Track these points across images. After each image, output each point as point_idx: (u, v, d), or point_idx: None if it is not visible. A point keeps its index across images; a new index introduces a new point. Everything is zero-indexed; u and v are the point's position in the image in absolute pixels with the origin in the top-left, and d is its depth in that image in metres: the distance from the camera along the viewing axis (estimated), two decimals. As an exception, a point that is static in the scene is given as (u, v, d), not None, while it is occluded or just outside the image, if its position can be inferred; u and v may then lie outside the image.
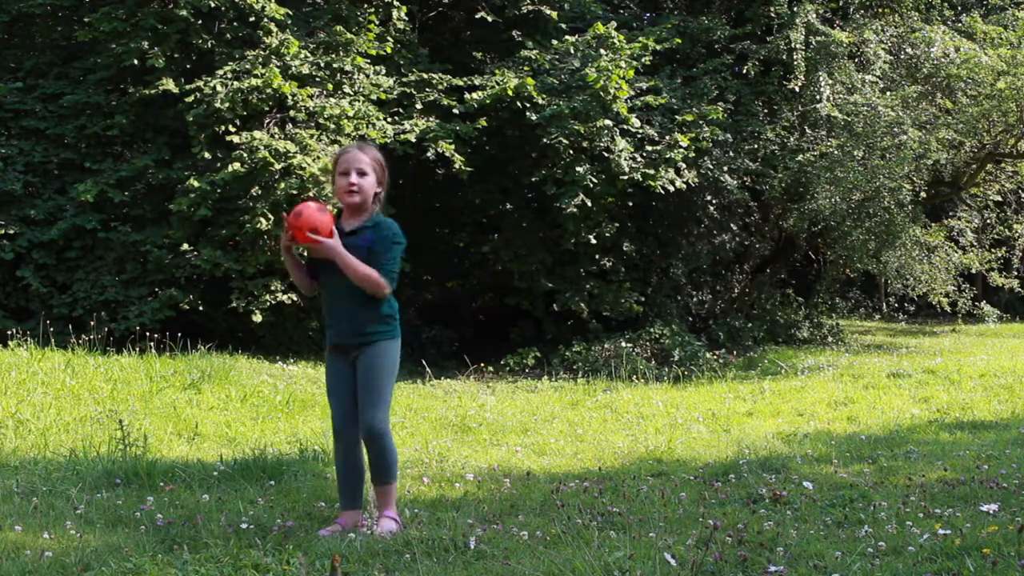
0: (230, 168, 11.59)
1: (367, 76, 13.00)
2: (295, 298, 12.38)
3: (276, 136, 12.04)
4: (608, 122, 13.00)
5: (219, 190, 11.82)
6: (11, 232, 11.85)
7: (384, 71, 13.31)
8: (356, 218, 4.46)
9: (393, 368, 4.50)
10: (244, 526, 4.44)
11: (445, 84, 13.49)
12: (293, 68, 12.23)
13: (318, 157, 11.91)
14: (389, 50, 13.41)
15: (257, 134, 11.81)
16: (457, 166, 12.91)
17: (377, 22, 13.37)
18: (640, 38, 13.80)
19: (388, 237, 4.40)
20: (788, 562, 3.72)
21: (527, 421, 8.82)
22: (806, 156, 14.73)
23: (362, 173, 4.39)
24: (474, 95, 13.13)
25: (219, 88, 11.81)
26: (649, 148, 13.33)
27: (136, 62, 12.29)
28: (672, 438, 7.67)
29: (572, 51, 13.82)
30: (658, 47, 13.95)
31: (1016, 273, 20.53)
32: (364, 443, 4.45)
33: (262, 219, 11.75)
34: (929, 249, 17.10)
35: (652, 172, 13.04)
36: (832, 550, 3.87)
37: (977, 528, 4.08)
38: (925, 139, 14.02)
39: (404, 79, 13.48)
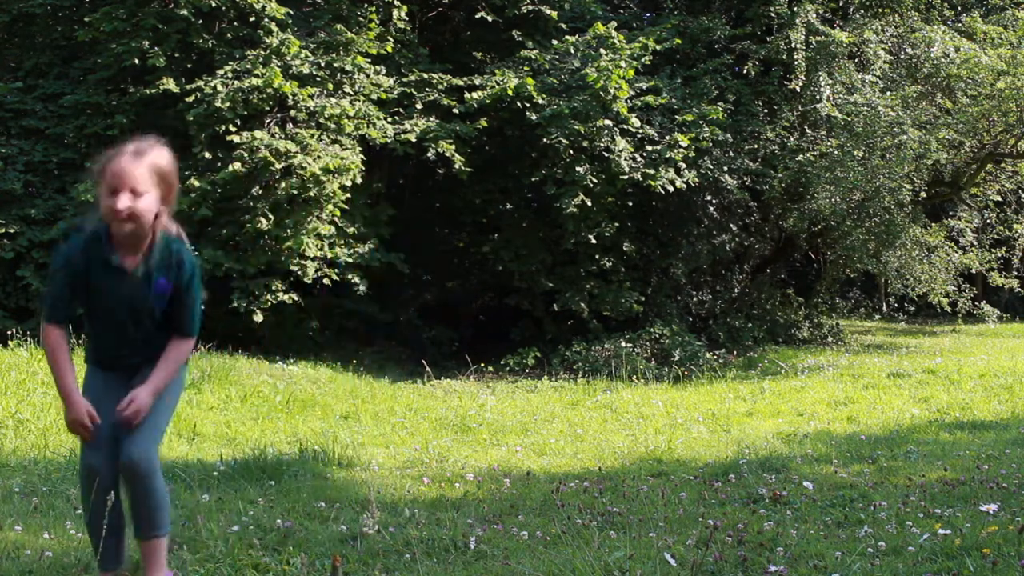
0: (230, 168, 11.59)
1: (367, 76, 13.00)
2: (295, 298, 12.38)
3: (277, 136, 12.04)
4: (608, 122, 13.00)
5: (219, 190, 11.82)
6: (11, 231, 11.85)
7: (384, 71, 13.31)
8: (134, 250, 3.30)
9: (176, 397, 3.57)
10: (244, 526, 4.44)
11: (445, 84, 13.49)
12: (294, 68, 12.23)
13: (318, 157, 11.91)
14: (389, 50, 13.41)
15: (258, 134, 11.80)
16: (457, 166, 12.91)
17: (377, 22, 13.38)
18: (640, 38, 13.81)
19: (189, 274, 3.37)
20: (788, 562, 3.72)
21: (527, 421, 8.82)
22: (806, 156, 14.73)
23: (138, 193, 3.19)
24: (474, 95, 13.14)
25: (219, 88, 11.81)
26: (649, 148, 13.33)
27: (136, 62, 12.30)
28: (672, 438, 7.66)
29: (572, 51, 13.83)
30: (658, 47, 13.95)
31: (1016, 273, 20.52)
32: (126, 479, 3.33)
33: (262, 219, 11.75)
34: (929, 249, 17.10)
35: (652, 172, 13.04)
36: (832, 550, 3.87)
37: (977, 528, 4.07)
38: (925, 139, 14.01)
39: (404, 79, 13.49)
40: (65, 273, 3.34)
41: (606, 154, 13.08)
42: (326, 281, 12.61)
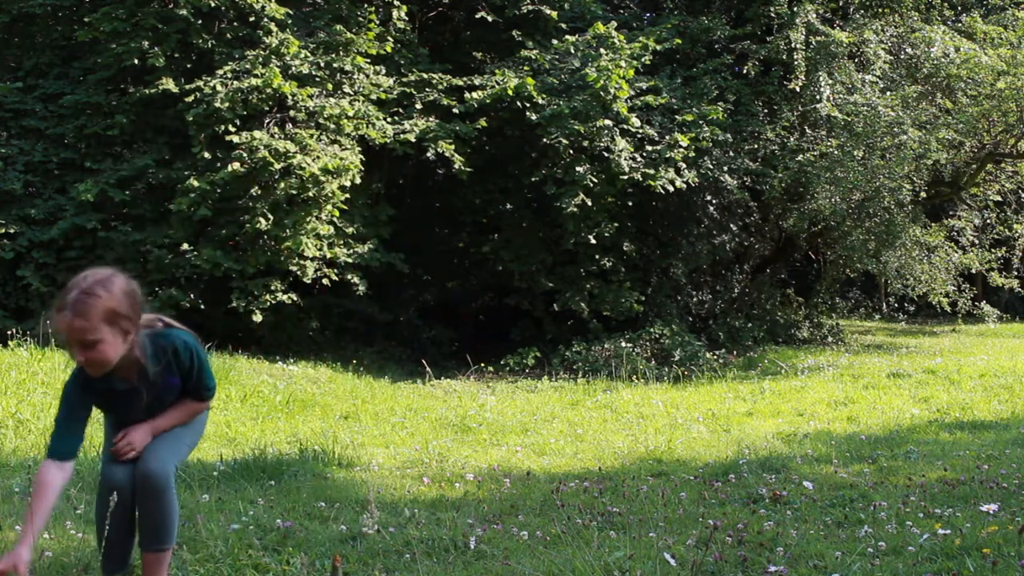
0: (230, 168, 11.59)
1: (367, 76, 13.00)
2: (295, 298, 12.39)
3: (276, 136, 12.04)
4: (608, 122, 13.00)
5: (219, 190, 11.82)
6: (11, 231, 11.85)
7: (384, 71, 13.31)
8: (131, 369, 3.33)
9: (201, 430, 3.68)
10: (244, 526, 4.43)
11: (445, 84, 13.49)
12: (293, 68, 12.23)
13: (318, 157, 11.91)
14: (389, 50, 13.41)
15: (257, 134, 11.80)
16: (457, 166, 12.91)
17: (377, 22, 13.38)
18: (640, 38, 13.81)
19: (192, 360, 3.42)
20: (788, 562, 3.72)
21: (527, 421, 8.82)
22: (806, 156, 14.73)
23: (90, 345, 3.12)
24: (474, 95, 13.13)
25: (219, 88, 11.81)
26: (649, 148, 13.33)
27: (136, 62, 12.30)
28: (672, 438, 7.66)
29: (572, 51, 13.83)
30: (658, 47, 13.95)
31: (1016, 273, 20.52)
32: (139, 489, 3.37)
33: (262, 219, 11.76)
34: (929, 249, 17.10)
35: (652, 172, 13.04)
36: (832, 550, 3.87)
37: (977, 528, 4.07)
38: (925, 139, 14.01)
39: (404, 79, 13.49)
40: (67, 405, 3.36)
41: (606, 154, 13.08)
42: (326, 281, 12.62)
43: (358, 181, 12.47)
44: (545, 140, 13.10)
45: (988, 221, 19.37)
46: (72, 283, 3.16)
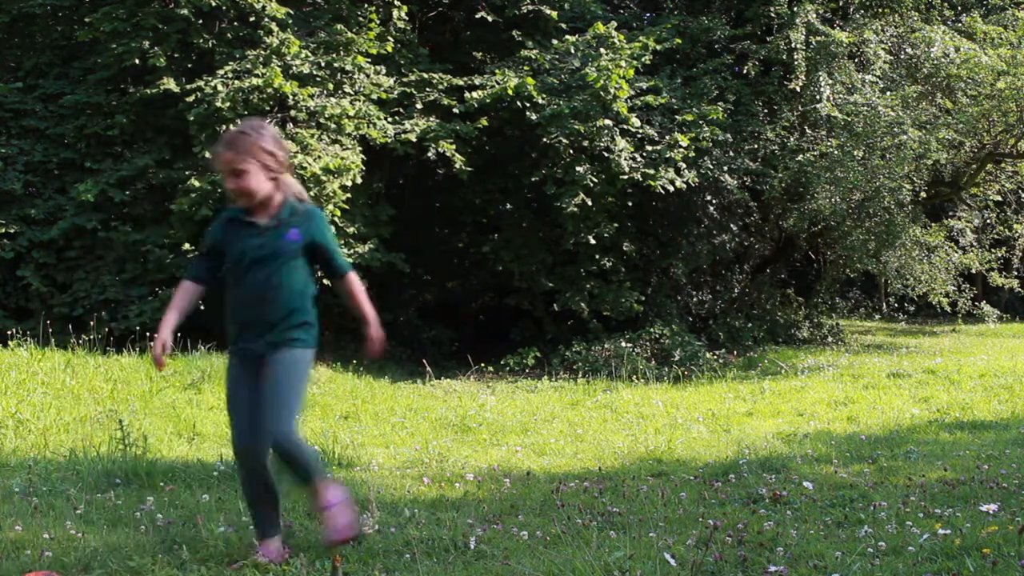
0: (231, 168, 11.57)
1: (367, 76, 13.00)
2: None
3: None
4: (608, 122, 13.00)
5: (220, 190, 11.81)
6: (11, 231, 11.85)
7: (384, 71, 13.31)
8: (265, 210, 3.93)
9: (304, 379, 4.00)
10: (244, 526, 4.43)
11: (445, 84, 13.49)
12: (294, 68, 12.23)
13: (319, 157, 11.91)
14: (390, 49, 13.41)
15: (257, 134, 11.80)
16: (457, 166, 12.91)
17: (377, 22, 13.37)
18: (640, 38, 13.80)
19: (318, 229, 3.99)
20: (788, 562, 3.72)
21: (527, 421, 8.82)
22: (806, 156, 14.73)
23: (239, 173, 3.82)
24: (474, 95, 13.13)
25: (220, 88, 11.81)
26: (649, 148, 13.33)
27: (137, 62, 12.30)
28: (672, 438, 7.66)
29: (572, 51, 13.82)
30: (658, 47, 13.95)
31: (1016, 273, 20.52)
32: (276, 455, 3.88)
33: (262, 219, 11.75)
34: (929, 249, 17.10)
35: (652, 172, 13.04)
36: (832, 550, 3.87)
37: (977, 528, 4.07)
38: (925, 139, 14.01)
39: (404, 79, 13.49)
40: (207, 240, 4.11)
41: (606, 154, 13.08)
42: (326, 281, 12.60)
43: (359, 181, 12.47)
44: (545, 140, 13.10)
45: (988, 221, 19.38)
46: (226, 133, 3.99)
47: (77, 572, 3.79)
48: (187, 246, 11.97)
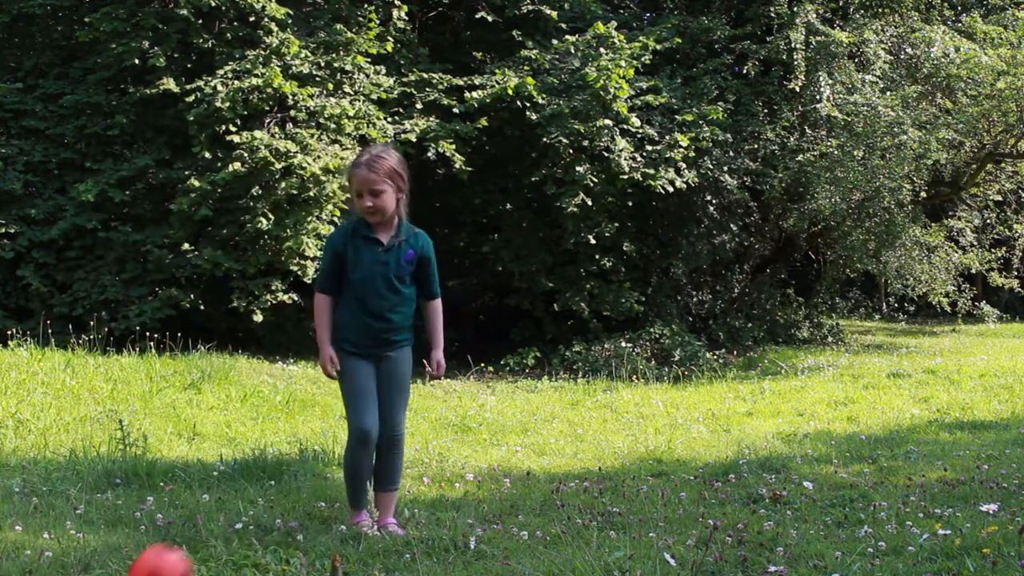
0: (230, 168, 11.58)
1: (367, 76, 13.00)
2: (295, 298, 12.38)
3: (276, 136, 12.04)
4: (608, 122, 13.00)
5: (219, 190, 11.81)
6: (11, 231, 11.85)
7: (384, 71, 13.31)
8: (386, 230, 4.44)
9: (411, 372, 4.68)
10: (244, 526, 4.44)
11: (445, 84, 13.49)
12: (293, 68, 12.23)
13: (318, 157, 11.92)
14: (389, 49, 13.41)
15: (258, 134, 11.80)
16: (457, 166, 12.91)
17: (377, 22, 13.37)
18: (640, 38, 13.80)
19: (429, 250, 4.52)
20: (788, 562, 3.72)
21: (527, 421, 8.83)
22: (806, 156, 14.72)
23: (377, 193, 4.31)
24: (474, 95, 13.13)
25: (220, 88, 11.81)
26: (649, 148, 13.33)
27: (136, 62, 12.29)
28: (672, 438, 7.67)
29: (572, 51, 13.82)
30: (658, 47, 13.95)
31: (1016, 273, 20.52)
32: (386, 447, 4.45)
33: (263, 219, 11.76)
34: (929, 249, 17.10)
35: (652, 172, 13.04)
36: (832, 550, 3.87)
37: (977, 528, 4.07)
38: (925, 139, 14.01)
39: (404, 79, 13.49)
40: (331, 253, 4.44)
41: (606, 154, 13.08)
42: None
43: (358, 181, 12.46)
44: (545, 140, 13.10)
45: (988, 221, 19.37)
46: (363, 151, 4.45)
47: (77, 572, 3.79)
48: (187, 246, 11.98)
